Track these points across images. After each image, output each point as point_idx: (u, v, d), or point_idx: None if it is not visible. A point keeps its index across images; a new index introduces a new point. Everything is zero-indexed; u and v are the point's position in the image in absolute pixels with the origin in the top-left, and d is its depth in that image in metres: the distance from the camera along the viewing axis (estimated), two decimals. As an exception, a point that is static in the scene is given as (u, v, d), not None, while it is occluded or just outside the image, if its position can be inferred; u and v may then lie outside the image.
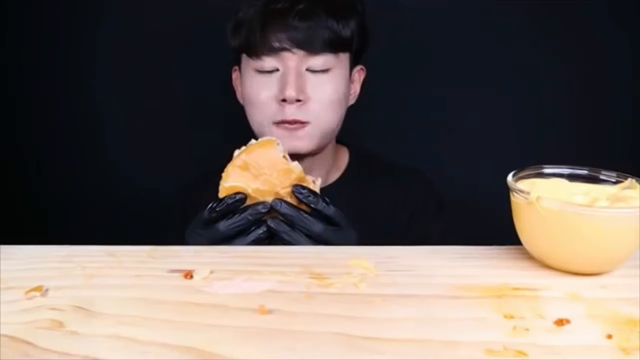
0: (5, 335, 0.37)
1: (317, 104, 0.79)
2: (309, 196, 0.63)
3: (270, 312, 0.41)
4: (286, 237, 0.63)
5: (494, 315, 0.40)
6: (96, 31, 1.14)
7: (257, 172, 0.63)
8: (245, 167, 0.63)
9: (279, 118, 0.79)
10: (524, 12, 1.11)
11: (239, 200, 0.63)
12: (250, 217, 0.63)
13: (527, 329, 0.38)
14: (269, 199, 0.63)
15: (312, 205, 0.63)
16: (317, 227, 0.63)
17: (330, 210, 0.64)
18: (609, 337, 0.37)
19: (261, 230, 0.63)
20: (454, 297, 0.43)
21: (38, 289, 0.43)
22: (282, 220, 0.63)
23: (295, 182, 0.64)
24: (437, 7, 1.11)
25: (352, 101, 0.88)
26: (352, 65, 0.86)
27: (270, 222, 0.63)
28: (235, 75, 0.89)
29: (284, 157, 0.64)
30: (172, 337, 0.37)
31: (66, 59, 1.16)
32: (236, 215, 0.63)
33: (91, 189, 1.21)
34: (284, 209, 0.62)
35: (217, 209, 0.63)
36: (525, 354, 0.35)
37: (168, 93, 1.17)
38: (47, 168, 1.19)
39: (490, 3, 1.11)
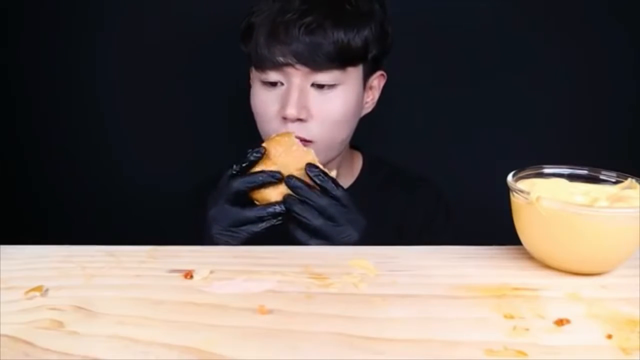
0: (5, 335, 0.37)
1: (321, 123, 0.77)
2: (319, 175, 0.66)
3: (270, 312, 0.41)
4: (297, 210, 0.65)
5: (494, 315, 0.40)
6: (97, 31, 1.14)
7: (275, 156, 0.68)
8: (266, 156, 0.68)
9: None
10: (524, 13, 1.11)
11: (258, 152, 0.67)
12: (261, 178, 0.66)
13: (527, 329, 0.38)
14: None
15: (321, 183, 0.66)
16: (323, 200, 0.66)
17: (339, 191, 0.66)
18: (609, 337, 0.37)
19: (279, 207, 0.66)
20: (454, 297, 0.43)
21: (38, 289, 0.43)
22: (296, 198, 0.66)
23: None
24: (433, 12, 1.11)
25: (367, 109, 0.85)
26: (370, 72, 0.82)
27: (287, 197, 0.66)
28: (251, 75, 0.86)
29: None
30: (172, 337, 0.37)
31: (67, 59, 1.15)
32: (251, 175, 0.67)
33: (91, 189, 1.21)
34: (294, 182, 0.66)
35: (242, 160, 0.68)
36: (525, 354, 0.35)
37: (169, 93, 1.17)
38: (47, 168, 1.19)
39: (488, 5, 1.10)
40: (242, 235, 0.67)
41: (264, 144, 0.69)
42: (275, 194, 0.67)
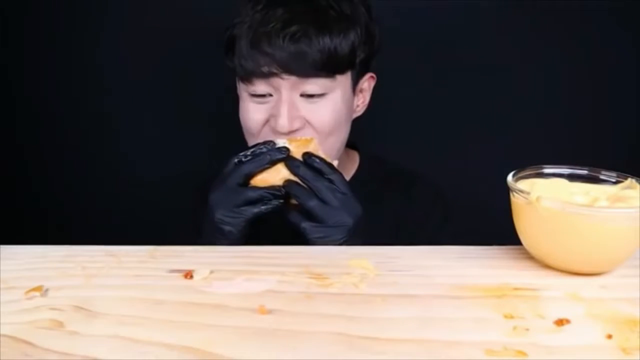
0: (5, 335, 0.37)
1: (315, 131, 0.76)
2: (316, 161, 0.67)
3: (270, 312, 0.41)
4: (294, 191, 0.66)
5: (494, 315, 0.40)
6: (97, 31, 1.14)
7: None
8: None
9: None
10: (524, 13, 1.11)
11: (268, 143, 0.69)
12: (269, 156, 0.68)
13: (527, 329, 0.38)
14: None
15: (317, 166, 0.67)
16: (319, 182, 0.67)
17: (335, 175, 0.68)
18: (609, 337, 0.37)
19: (280, 189, 0.67)
20: (454, 297, 0.43)
21: (38, 289, 0.43)
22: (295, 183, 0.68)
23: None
24: (432, 11, 1.11)
25: (359, 112, 0.85)
26: (359, 76, 0.81)
27: (287, 181, 0.67)
28: (238, 89, 0.84)
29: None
30: (172, 337, 0.37)
31: (67, 59, 1.16)
32: (258, 158, 0.68)
33: (91, 188, 1.21)
34: (293, 164, 0.67)
35: (250, 149, 0.69)
36: (525, 354, 0.35)
37: (170, 94, 1.17)
38: (47, 168, 1.19)
39: (489, 5, 1.11)
40: (245, 215, 0.67)
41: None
42: (277, 180, 0.68)
